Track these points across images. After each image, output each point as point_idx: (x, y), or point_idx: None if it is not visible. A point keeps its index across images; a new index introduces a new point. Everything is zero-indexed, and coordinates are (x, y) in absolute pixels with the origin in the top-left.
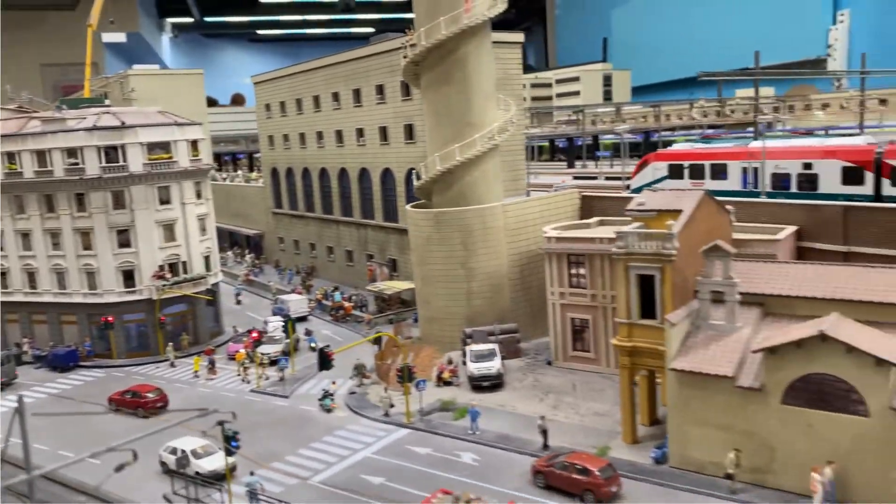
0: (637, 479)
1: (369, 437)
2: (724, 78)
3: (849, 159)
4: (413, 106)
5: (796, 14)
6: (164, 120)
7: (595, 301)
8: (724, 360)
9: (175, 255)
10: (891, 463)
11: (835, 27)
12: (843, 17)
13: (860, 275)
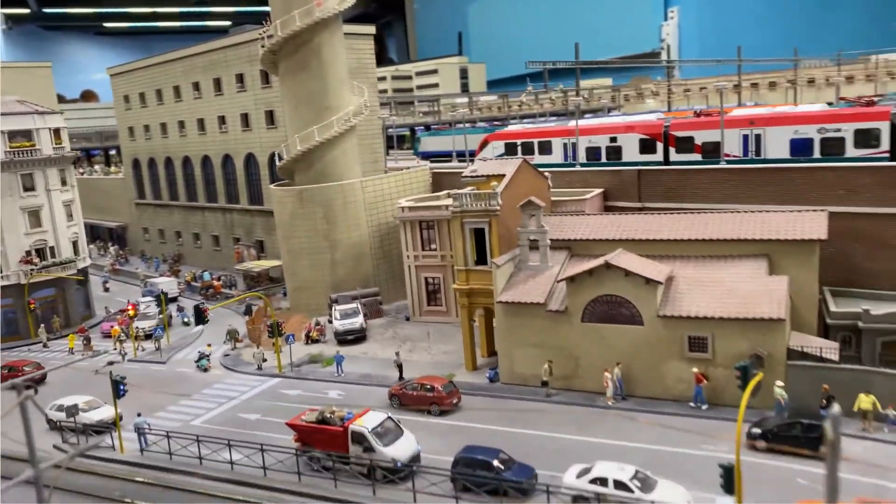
0: (474, 395)
1: (244, 387)
2: (551, 67)
3: (644, 132)
4: (273, 93)
5: (633, 11)
6: (23, 109)
7: (444, 261)
8: (538, 292)
9: (42, 241)
10: (660, 358)
11: (666, 23)
12: (674, 13)
13: (642, 221)
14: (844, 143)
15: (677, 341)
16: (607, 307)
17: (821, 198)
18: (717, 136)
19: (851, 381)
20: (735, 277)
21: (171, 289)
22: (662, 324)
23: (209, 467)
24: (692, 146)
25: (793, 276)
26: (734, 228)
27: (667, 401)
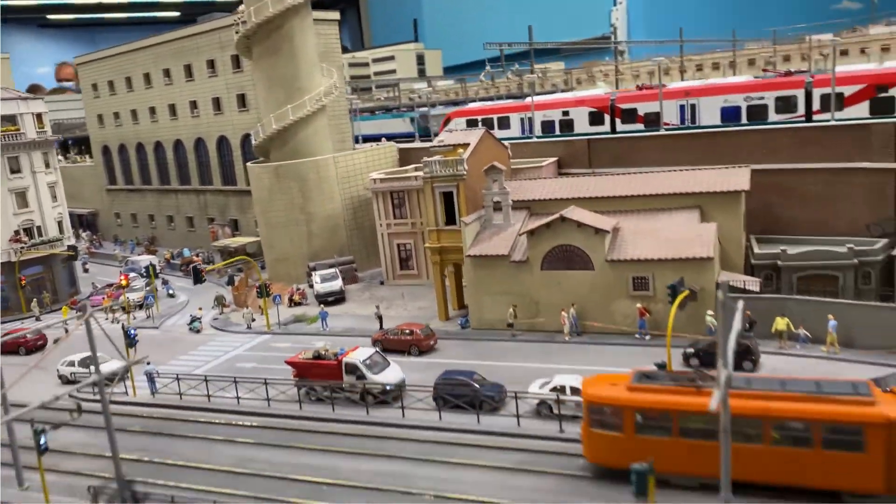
0: (448, 339)
1: (237, 343)
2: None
3: (593, 106)
4: (244, 77)
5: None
6: (8, 95)
7: (414, 228)
8: (503, 246)
9: (29, 221)
10: (609, 297)
11: (615, 7)
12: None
13: (591, 181)
14: (767, 110)
15: (623, 282)
16: (562, 256)
17: (747, 158)
18: (657, 108)
19: (770, 307)
20: (671, 226)
21: (144, 267)
22: (610, 267)
23: (217, 403)
24: (635, 117)
25: (721, 223)
26: (670, 184)
27: (616, 334)
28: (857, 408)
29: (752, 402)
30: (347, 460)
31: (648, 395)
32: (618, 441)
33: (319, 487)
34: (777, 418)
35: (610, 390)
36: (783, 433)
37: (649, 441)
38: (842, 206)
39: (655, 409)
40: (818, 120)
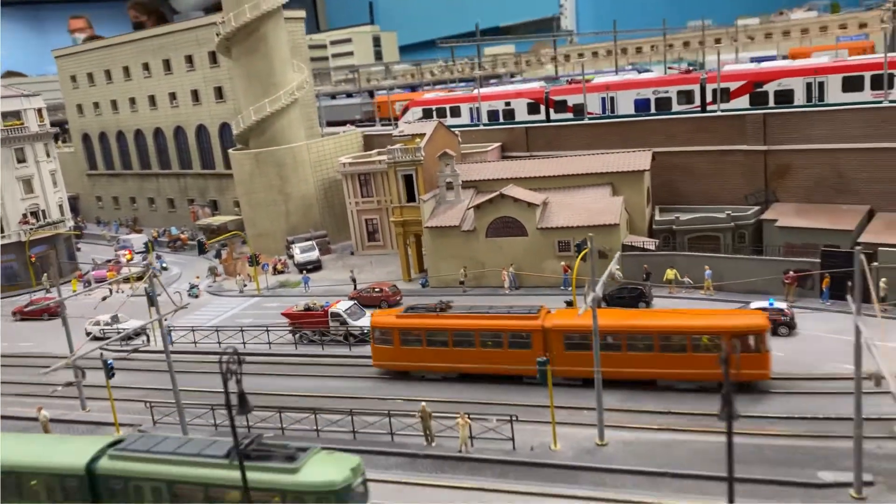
0: (411, 295)
1: (233, 305)
2: (456, 44)
3: (531, 97)
4: (221, 72)
5: None
6: (12, 92)
7: (380, 205)
8: (454, 218)
9: (35, 205)
10: (539, 258)
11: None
12: None
13: (526, 164)
14: (671, 101)
15: (550, 245)
16: (502, 225)
17: (653, 142)
18: (583, 99)
19: (663, 262)
20: (588, 199)
21: (140, 243)
22: (540, 234)
23: (226, 347)
24: (566, 107)
25: (627, 196)
26: (587, 165)
27: (545, 287)
28: (527, 321)
29: (468, 321)
30: (334, 381)
31: (408, 320)
32: (390, 351)
33: (315, 399)
34: (483, 330)
35: (386, 318)
36: (488, 339)
37: (409, 350)
38: (725, 180)
39: (411, 329)
40: (710, 110)
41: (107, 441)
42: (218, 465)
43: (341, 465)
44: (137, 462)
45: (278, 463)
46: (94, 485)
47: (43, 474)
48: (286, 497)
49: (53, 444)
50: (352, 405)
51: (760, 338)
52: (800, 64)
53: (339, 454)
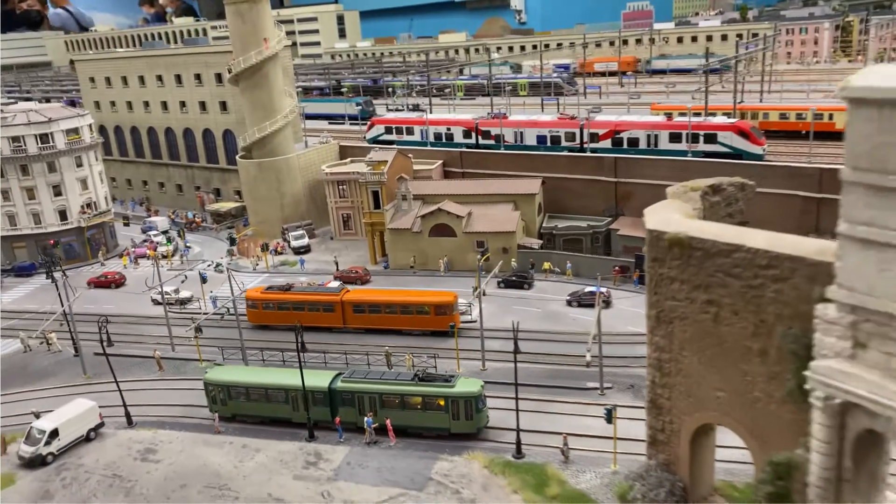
0: (377, 274)
1: (250, 280)
2: None
3: (465, 126)
4: (225, 90)
5: None
6: (71, 112)
7: (353, 203)
8: (407, 222)
9: (89, 198)
10: (464, 252)
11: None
12: None
13: (459, 183)
14: (561, 139)
15: (471, 244)
16: (440, 229)
17: (547, 168)
18: (500, 132)
19: (544, 256)
20: (497, 212)
21: (164, 224)
22: (465, 236)
23: None
24: (490, 136)
25: (524, 210)
26: (497, 187)
27: (467, 272)
28: (332, 296)
29: (299, 295)
30: (331, 335)
31: (267, 294)
32: (257, 313)
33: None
34: (308, 301)
35: (255, 293)
36: (312, 306)
37: (268, 313)
38: (591, 199)
39: (268, 300)
40: (587, 147)
41: (335, 373)
42: (408, 384)
43: (474, 384)
44: (357, 383)
45: (441, 383)
46: (332, 397)
47: (290, 390)
48: (447, 401)
49: (286, 374)
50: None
51: (450, 306)
52: (643, 120)
53: (473, 379)
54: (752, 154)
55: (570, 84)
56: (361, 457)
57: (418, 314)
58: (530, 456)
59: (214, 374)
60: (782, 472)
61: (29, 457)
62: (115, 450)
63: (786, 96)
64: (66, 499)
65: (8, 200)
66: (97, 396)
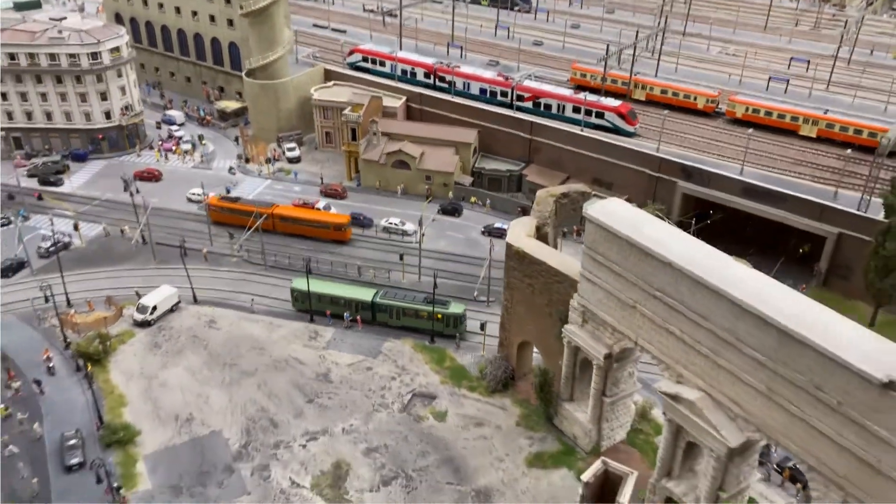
0: (351, 192)
1: (256, 184)
2: None
3: (426, 68)
4: (232, 10)
5: None
6: (113, 33)
7: (334, 123)
8: (375, 154)
9: (127, 102)
10: (416, 182)
11: None
12: None
13: (415, 125)
14: (497, 95)
15: (422, 177)
16: (400, 163)
17: (483, 118)
18: (454, 79)
19: (472, 192)
20: (442, 154)
21: (180, 117)
22: (417, 170)
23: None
24: (445, 81)
25: (462, 154)
26: (444, 133)
27: (417, 196)
28: (266, 209)
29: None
30: (266, 236)
31: (220, 203)
32: (215, 214)
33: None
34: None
35: (214, 200)
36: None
37: (223, 216)
38: (513, 148)
39: (223, 207)
40: (512, 107)
41: (375, 291)
42: (421, 303)
43: (460, 308)
44: (389, 300)
45: (441, 304)
46: (374, 308)
47: (351, 300)
48: (444, 316)
49: (348, 288)
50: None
51: (344, 225)
52: (557, 92)
53: (461, 304)
54: (627, 132)
55: (525, 2)
56: (342, 335)
57: (323, 228)
58: (438, 343)
59: (297, 284)
60: (546, 373)
61: (140, 320)
62: (190, 319)
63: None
64: (169, 348)
65: (65, 101)
66: (165, 278)
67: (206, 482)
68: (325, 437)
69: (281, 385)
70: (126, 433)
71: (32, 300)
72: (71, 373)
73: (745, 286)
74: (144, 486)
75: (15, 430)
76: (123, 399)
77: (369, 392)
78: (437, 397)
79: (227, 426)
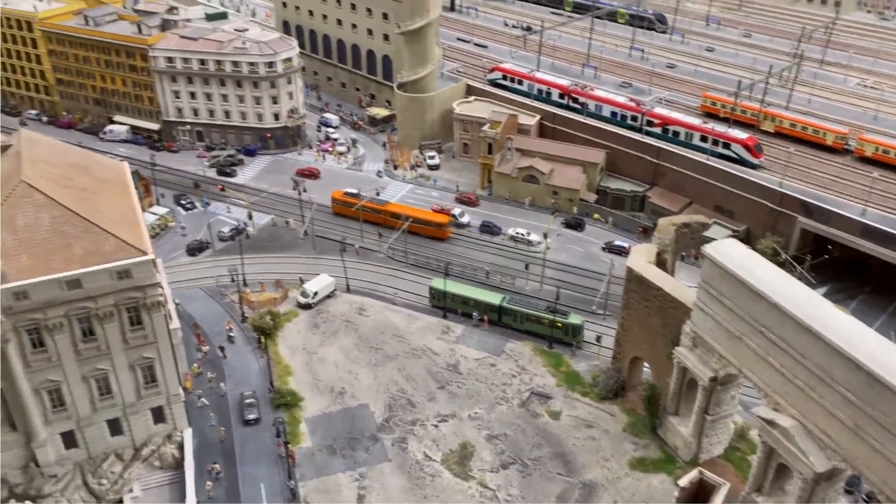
0: (484, 200)
1: (399, 189)
2: None
3: (560, 90)
4: (388, 25)
5: None
6: (286, 45)
7: (472, 135)
8: (508, 169)
9: (293, 105)
10: (544, 195)
11: None
12: None
13: (547, 143)
14: (627, 118)
15: (549, 191)
16: (529, 177)
17: (612, 139)
18: (587, 102)
19: (595, 209)
20: (570, 171)
21: (335, 120)
22: (545, 186)
23: None
24: (579, 103)
25: (589, 173)
26: (573, 152)
27: (544, 208)
28: (380, 206)
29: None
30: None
31: (344, 198)
32: (338, 206)
33: None
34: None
35: (336, 194)
36: (370, 210)
37: (345, 209)
38: (638, 169)
39: (345, 201)
40: (641, 131)
41: (502, 296)
42: (543, 311)
43: (579, 318)
44: (515, 305)
45: (562, 314)
46: (501, 311)
47: (481, 302)
48: (563, 325)
49: (479, 291)
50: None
51: (445, 225)
52: (686, 120)
53: (579, 315)
54: (752, 164)
55: (661, 22)
56: (470, 332)
57: (426, 226)
58: (556, 348)
59: (435, 283)
60: (655, 388)
61: (303, 303)
62: (344, 305)
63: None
64: (326, 329)
65: (242, 103)
66: (323, 267)
67: (355, 447)
68: (454, 421)
69: (417, 370)
70: (292, 398)
71: (217, 277)
72: (246, 342)
73: (842, 331)
74: (306, 444)
75: (205, 387)
76: (289, 369)
77: (492, 385)
78: (552, 398)
79: (372, 401)
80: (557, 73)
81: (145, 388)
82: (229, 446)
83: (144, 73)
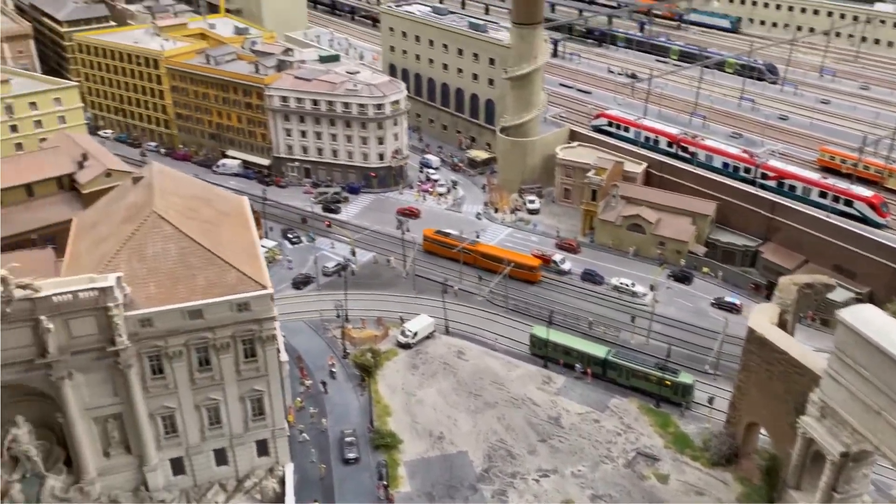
0: (585, 246)
1: (498, 232)
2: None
3: (669, 138)
4: (494, 71)
5: None
6: (394, 89)
7: (574, 182)
8: (612, 216)
9: (398, 146)
10: (648, 246)
11: None
12: None
13: (652, 192)
14: (739, 170)
15: (655, 242)
16: (635, 226)
17: (722, 190)
18: (698, 153)
19: (704, 263)
20: (678, 222)
21: (436, 161)
22: (652, 236)
23: None
24: (688, 151)
25: (698, 224)
26: (680, 202)
27: (649, 259)
28: (469, 246)
29: (451, 240)
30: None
31: (435, 236)
32: (429, 244)
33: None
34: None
35: (428, 232)
36: (457, 248)
37: (434, 246)
38: (751, 223)
39: (435, 239)
40: (755, 183)
41: (607, 349)
42: (651, 367)
43: (689, 378)
44: (622, 360)
45: (672, 372)
46: (605, 364)
47: (585, 354)
48: (672, 384)
49: (583, 342)
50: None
51: (536, 269)
52: (803, 174)
53: (688, 374)
54: (877, 223)
55: (772, 73)
56: (572, 385)
57: (517, 268)
58: (663, 407)
59: (536, 331)
60: (775, 458)
61: (403, 342)
62: (442, 347)
63: None
64: (425, 370)
65: (350, 142)
66: (421, 307)
67: (454, 495)
68: (556, 477)
69: (517, 421)
70: (392, 440)
71: (321, 311)
72: (347, 378)
73: None
74: (405, 489)
75: (306, 421)
76: (388, 409)
77: (596, 443)
78: (659, 459)
79: (471, 449)
80: (664, 122)
81: (253, 420)
82: (329, 484)
83: (259, 110)
